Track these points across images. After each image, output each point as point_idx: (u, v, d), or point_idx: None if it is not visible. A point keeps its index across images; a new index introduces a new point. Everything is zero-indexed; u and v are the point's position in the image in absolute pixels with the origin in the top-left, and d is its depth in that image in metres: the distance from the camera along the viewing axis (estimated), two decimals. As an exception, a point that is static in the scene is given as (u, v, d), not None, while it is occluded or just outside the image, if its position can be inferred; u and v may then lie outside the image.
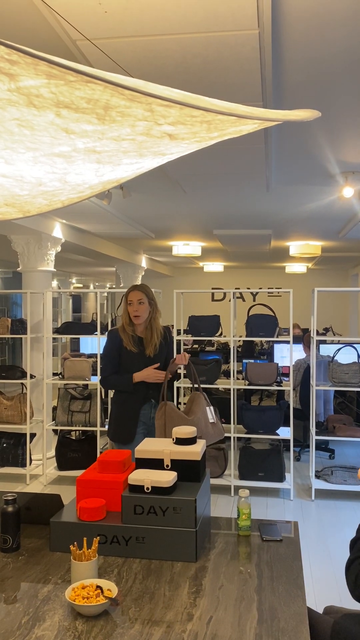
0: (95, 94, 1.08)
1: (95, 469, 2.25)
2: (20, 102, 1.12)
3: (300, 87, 2.67)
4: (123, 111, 1.17)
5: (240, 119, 1.19)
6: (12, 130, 1.27)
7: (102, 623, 1.56)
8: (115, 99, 1.10)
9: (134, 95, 1.07)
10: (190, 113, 1.16)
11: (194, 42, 2.18)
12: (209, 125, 1.25)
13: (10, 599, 1.69)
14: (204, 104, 1.13)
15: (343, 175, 4.34)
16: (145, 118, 1.20)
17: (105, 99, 1.11)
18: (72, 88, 1.06)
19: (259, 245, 8.96)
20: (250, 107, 1.21)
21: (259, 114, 1.18)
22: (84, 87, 1.05)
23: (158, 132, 1.30)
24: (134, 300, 3.38)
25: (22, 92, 1.08)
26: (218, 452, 5.03)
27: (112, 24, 2.03)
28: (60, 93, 1.08)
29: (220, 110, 1.13)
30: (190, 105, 1.10)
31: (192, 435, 2.25)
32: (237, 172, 4.27)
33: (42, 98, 1.11)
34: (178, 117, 1.19)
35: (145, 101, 1.10)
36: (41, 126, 1.25)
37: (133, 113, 1.18)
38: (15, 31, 2.12)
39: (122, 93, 1.07)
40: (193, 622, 1.57)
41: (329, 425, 5.20)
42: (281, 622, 1.58)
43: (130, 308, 3.38)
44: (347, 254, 10.37)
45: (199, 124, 1.24)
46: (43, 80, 1.03)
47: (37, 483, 5.24)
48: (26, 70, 0.98)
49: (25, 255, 5.95)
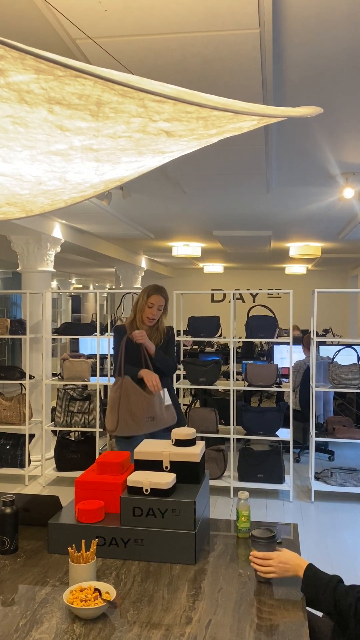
0: (85, 90, 1.07)
1: (94, 470, 2.23)
2: (12, 98, 1.11)
3: (300, 87, 2.66)
4: (116, 107, 1.16)
5: (237, 115, 1.18)
6: (6, 127, 1.26)
7: (101, 626, 1.55)
8: (107, 95, 1.09)
9: (125, 91, 1.06)
10: (185, 109, 1.15)
11: (194, 41, 2.17)
12: (206, 121, 1.23)
13: (8, 602, 1.68)
14: (198, 99, 1.11)
15: (343, 176, 4.33)
16: (140, 114, 1.19)
17: (97, 95, 1.09)
18: (62, 83, 1.05)
19: (259, 246, 8.95)
20: (248, 104, 1.20)
21: (257, 110, 1.17)
22: (73, 82, 1.04)
23: (154, 129, 1.28)
24: (155, 305, 3.42)
25: (13, 88, 1.07)
26: (217, 453, 5.01)
27: (112, 23, 2.02)
28: (50, 89, 1.07)
29: (214, 106, 1.11)
30: (182, 101, 1.09)
31: (192, 437, 2.24)
32: (237, 172, 4.26)
33: (33, 94, 1.10)
34: (172, 114, 1.18)
35: (137, 96, 1.09)
36: (35, 123, 1.24)
37: (126, 109, 1.16)
38: (14, 30, 2.11)
39: (112, 88, 1.06)
40: (192, 625, 1.55)
41: (328, 426, 5.19)
42: (281, 626, 1.56)
43: (150, 310, 3.43)
44: (347, 256, 10.36)
45: (195, 121, 1.23)
46: (32, 76, 1.02)
47: (36, 484, 5.23)
48: (14, 65, 0.97)
49: (25, 256, 5.94)
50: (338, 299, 13.81)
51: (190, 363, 5.15)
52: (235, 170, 4.21)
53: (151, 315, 3.42)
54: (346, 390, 4.87)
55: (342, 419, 5.26)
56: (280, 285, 13.82)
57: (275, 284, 14.06)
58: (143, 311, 3.44)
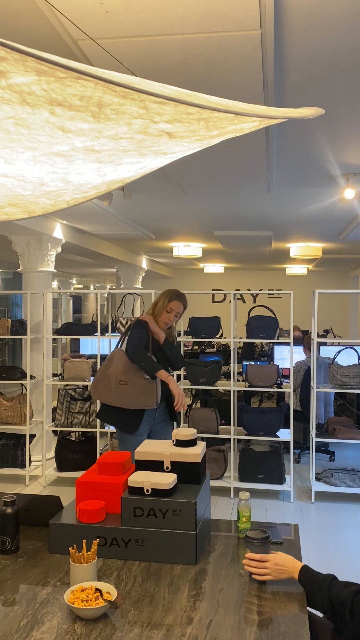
0: (87, 91, 1.07)
1: (94, 470, 2.24)
2: (14, 100, 1.12)
3: (301, 88, 2.66)
4: (117, 109, 1.16)
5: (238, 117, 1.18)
6: (8, 129, 1.26)
7: (101, 626, 1.55)
8: (108, 96, 1.09)
9: (126, 92, 1.06)
10: (186, 110, 1.15)
11: (195, 43, 2.17)
12: (207, 123, 1.24)
13: (9, 602, 1.68)
14: (199, 100, 1.11)
15: (344, 177, 4.33)
16: (141, 116, 1.19)
17: (98, 96, 1.10)
18: (63, 85, 1.05)
19: (259, 246, 8.95)
20: (250, 105, 1.20)
21: (258, 111, 1.17)
22: (74, 83, 1.04)
23: (155, 130, 1.29)
24: (174, 311, 3.47)
25: (14, 90, 1.07)
26: (218, 453, 5.02)
27: (113, 24, 2.03)
28: (52, 90, 1.07)
29: (216, 107, 1.11)
30: (183, 102, 1.09)
31: (193, 438, 2.24)
32: (238, 173, 4.27)
33: (35, 96, 1.10)
34: (174, 115, 1.18)
35: (138, 98, 1.09)
36: (37, 125, 1.24)
37: (128, 111, 1.17)
38: (16, 31, 2.11)
39: (113, 90, 1.06)
40: (193, 626, 1.56)
41: (329, 427, 5.19)
42: (281, 626, 1.57)
43: (167, 315, 3.48)
44: (347, 256, 10.36)
45: (196, 122, 1.23)
46: (33, 77, 1.02)
47: (37, 484, 5.23)
48: (15, 66, 0.97)
49: (26, 256, 5.95)
50: (339, 299, 13.80)
51: (190, 363, 5.15)
52: (236, 171, 4.21)
53: (168, 320, 3.49)
54: (347, 390, 4.87)
55: (342, 420, 5.26)
56: (280, 286, 13.82)
57: (276, 284, 14.06)
58: (161, 314, 3.48)
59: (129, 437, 3.42)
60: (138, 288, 10.07)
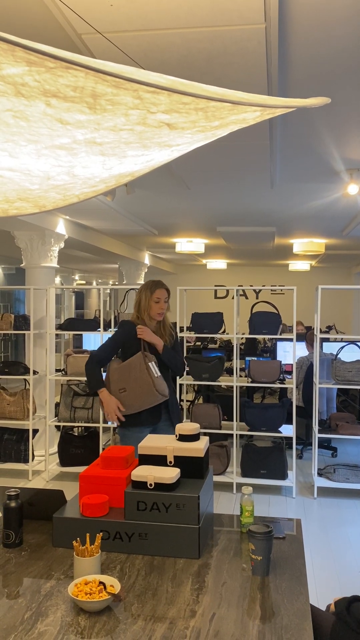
0: (79, 82, 1.06)
1: (98, 465, 2.24)
2: (8, 91, 1.11)
3: (305, 83, 2.65)
4: (112, 99, 1.15)
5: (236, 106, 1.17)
6: (7, 121, 1.26)
7: (105, 619, 1.55)
8: (101, 87, 1.08)
9: (118, 82, 1.05)
10: (181, 100, 1.14)
11: (199, 37, 2.16)
12: (206, 113, 1.22)
13: (13, 594, 1.69)
14: (192, 89, 1.10)
15: (348, 172, 4.32)
16: (137, 106, 1.18)
17: (91, 87, 1.09)
18: (54, 75, 1.04)
19: (262, 242, 8.94)
20: (248, 94, 1.19)
21: (256, 100, 1.15)
22: (65, 73, 1.03)
23: (154, 121, 1.28)
24: (161, 299, 3.41)
25: (7, 81, 1.07)
26: (220, 449, 5.02)
27: (117, 18, 2.02)
28: (44, 81, 1.07)
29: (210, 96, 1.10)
30: (176, 91, 1.08)
31: (196, 432, 2.24)
32: (241, 168, 4.26)
33: (29, 87, 1.09)
34: (169, 105, 1.17)
35: (130, 87, 1.08)
36: (35, 117, 1.24)
37: (123, 101, 1.16)
38: (20, 25, 2.11)
39: (104, 79, 1.05)
40: (196, 619, 1.56)
41: (331, 423, 5.19)
42: (284, 619, 1.57)
43: (157, 306, 3.42)
44: (351, 252, 10.34)
45: (194, 112, 1.22)
46: (24, 68, 1.01)
47: (40, 479, 5.25)
48: (5, 57, 0.97)
49: (29, 252, 5.95)
50: (342, 295, 13.79)
51: (193, 359, 5.15)
52: (240, 166, 4.20)
53: (160, 310, 3.42)
54: (349, 386, 4.87)
55: (345, 416, 5.26)
56: (283, 282, 13.81)
57: (279, 280, 14.05)
58: (150, 308, 3.42)
59: (129, 433, 3.41)
60: (140, 284, 10.07)
